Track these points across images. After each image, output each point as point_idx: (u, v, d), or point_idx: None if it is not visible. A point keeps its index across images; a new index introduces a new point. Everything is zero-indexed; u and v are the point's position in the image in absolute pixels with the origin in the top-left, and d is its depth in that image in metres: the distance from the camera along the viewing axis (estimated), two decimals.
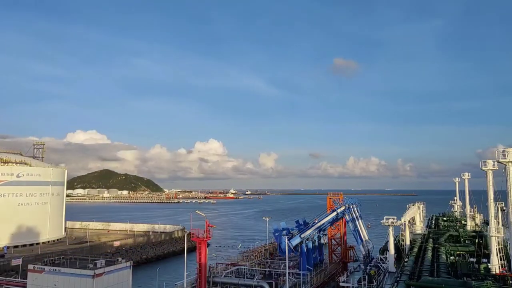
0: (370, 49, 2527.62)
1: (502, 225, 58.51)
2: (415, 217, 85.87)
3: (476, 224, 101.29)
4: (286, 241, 59.30)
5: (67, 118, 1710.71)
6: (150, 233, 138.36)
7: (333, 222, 68.46)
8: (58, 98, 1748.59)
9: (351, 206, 65.07)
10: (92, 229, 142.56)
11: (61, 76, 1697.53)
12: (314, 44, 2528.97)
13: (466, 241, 73.75)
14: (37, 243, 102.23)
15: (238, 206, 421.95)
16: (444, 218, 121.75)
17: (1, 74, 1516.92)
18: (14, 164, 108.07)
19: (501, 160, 44.10)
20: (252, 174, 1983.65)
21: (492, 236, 50.30)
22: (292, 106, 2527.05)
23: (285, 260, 56.97)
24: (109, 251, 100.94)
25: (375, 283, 50.92)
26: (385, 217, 64.44)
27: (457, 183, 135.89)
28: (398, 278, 46.45)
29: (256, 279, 57.60)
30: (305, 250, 64.37)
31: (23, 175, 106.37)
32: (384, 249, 71.14)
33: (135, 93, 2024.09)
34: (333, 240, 79.25)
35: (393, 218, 63.55)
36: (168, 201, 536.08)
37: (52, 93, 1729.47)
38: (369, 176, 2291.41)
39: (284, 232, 63.95)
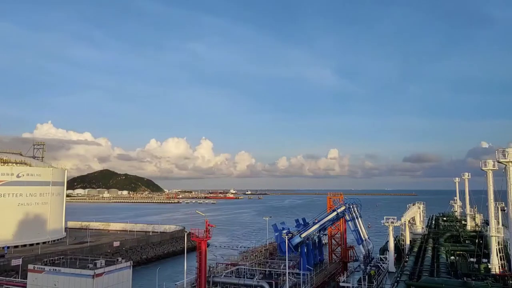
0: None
1: (502, 225, 58.60)
2: (415, 217, 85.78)
3: (476, 224, 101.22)
4: (287, 241, 59.30)
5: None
6: (150, 233, 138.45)
7: (333, 222, 68.45)
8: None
9: (351, 206, 65.07)
10: (92, 229, 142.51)
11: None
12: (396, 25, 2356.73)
13: (466, 241, 73.75)
14: (37, 243, 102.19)
15: (238, 206, 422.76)
16: (444, 218, 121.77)
17: (41, 60, 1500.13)
18: (14, 164, 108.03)
19: (501, 160, 44.09)
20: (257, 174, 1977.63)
21: (492, 236, 50.30)
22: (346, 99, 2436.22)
23: (285, 260, 56.97)
24: (109, 251, 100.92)
25: (375, 283, 50.89)
26: (385, 217, 64.47)
27: (457, 183, 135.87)
28: (398, 278, 46.46)
29: (256, 279, 57.56)
30: (305, 250, 64.42)
31: (23, 175, 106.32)
32: (384, 249, 71.11)
33: (177, 83, 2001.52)
34: (333, 240, 79.25)
35: (393, 218, 63.55)
36: (168, 201, 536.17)
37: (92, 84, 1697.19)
38: (369, 176, 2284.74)
39: (285, 232, 63.93)
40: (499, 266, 49.36)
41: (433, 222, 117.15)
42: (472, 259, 57.39)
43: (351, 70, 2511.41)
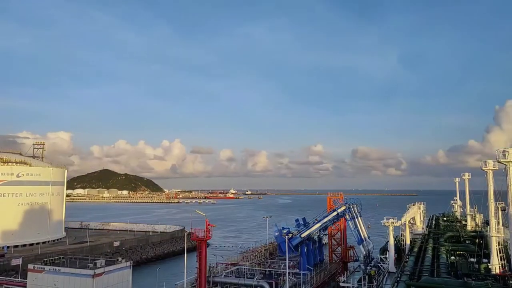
0: None
1: (503, 225, 58.53)
2: (415, 217, 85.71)
3: (477, 224, 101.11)
4: (287, 241, 59.27)
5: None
6: (150, 233, 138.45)
7: (333, 221, 68.41)
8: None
9: (352, 206, 65.01)
10: (92, 229, 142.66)
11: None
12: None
13: (467, 241, 73.57)
14: (37, 243, 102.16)
15: (238, 206, 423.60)
16: (445, 218, 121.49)
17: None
18: (14, 164, 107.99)
19: (501, 160, 43.97)
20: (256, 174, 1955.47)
21: (492, 236, 50.20)
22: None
23: (285, 260, 56.94)
24: (109, 251, 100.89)
25: (375, 283, 50.85)
26: (385, 217, 64.40)
27: (457, 183, 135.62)
28: (398, 278, 46.37)
29: (256, 279, 57.56)
30: (305, 250, 64.38)
31: (23, 175, 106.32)
32: (384, 249, 71.01)
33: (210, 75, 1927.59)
34: (333, 240, 79.24)
35: (393, 218, 63.46)
36: (168, 201, 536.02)
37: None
38: (370, 175, 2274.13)
39: (285, 231, 63.91)
40: (499, 266, 49.25)
41: (433, 222, 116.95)
42: (472, 259, 57.22)
43: (414, 58, 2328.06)
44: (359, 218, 65.01)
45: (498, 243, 50.63)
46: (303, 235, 63.60)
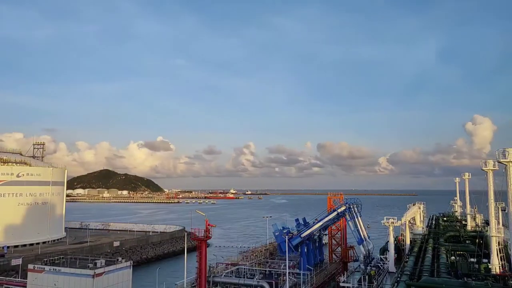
0: None
1: (503, 225, 58.56)
2: (415, 217, 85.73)
3: (477, 224, 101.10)
4: (287, 241, 59.26)
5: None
6: (150, 233, 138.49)
7: (333, 221, 68.40)
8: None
9: (352, 206, 65.00)
10: (92, 229, 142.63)
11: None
12: None
13: (467, 241, 73.58)
14: (37, 243, 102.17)
15: (237, 206, 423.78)
16: (445, 218, 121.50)
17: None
18: (14, 164, 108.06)
19: (501, 160, 43.91)
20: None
21: (492, 236, 50.22)
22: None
23: (285, 260, 56.93)
24: (109, 251, 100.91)
25: (375, 283, 50.85)
26: (385, 217, 64.45)
27: (457, 183, 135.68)
28: (398, 278, 46.35)
29: (256, 279, 57.56)
30: (305, 250, 64.38)
31: (23, 175, 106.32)
32: (384, 249, 71.00)
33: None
34: (333, 240, 79.23)
35: (393, 218, 63.49)
36: (168, 201, 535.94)
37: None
38: (370, 176, 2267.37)
39: (285, 231, 63.90)
40: (499, 266, 49.27)
41: (433, 222, 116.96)
42: (472, 259, 57.20)
43: (455, 49, 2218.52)
44: (359, 218, 65.03)
45: (498, 243, 50.65)
46: (303, 235, 63.58)
